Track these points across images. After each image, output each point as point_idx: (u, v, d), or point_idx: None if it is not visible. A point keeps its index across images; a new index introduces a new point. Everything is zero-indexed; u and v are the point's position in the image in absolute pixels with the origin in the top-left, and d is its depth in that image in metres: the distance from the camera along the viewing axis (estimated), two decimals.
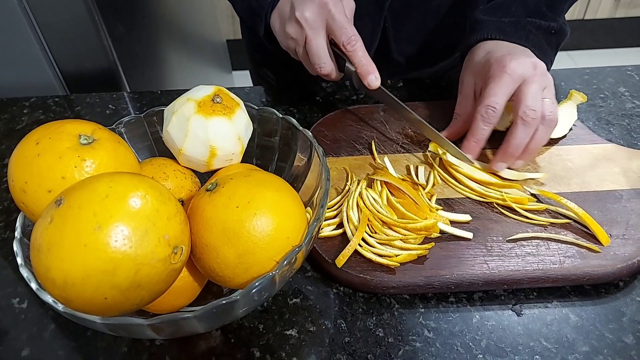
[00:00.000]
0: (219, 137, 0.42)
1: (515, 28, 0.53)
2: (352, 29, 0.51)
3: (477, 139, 0.50)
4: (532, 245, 0.44)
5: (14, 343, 0.41)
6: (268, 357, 0.39)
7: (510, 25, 0.54)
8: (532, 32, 0.53)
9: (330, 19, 0.51)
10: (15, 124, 0.65)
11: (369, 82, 0.52)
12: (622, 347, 0.38)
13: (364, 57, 0.52)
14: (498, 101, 0.48)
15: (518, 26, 0.53)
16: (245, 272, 0.34)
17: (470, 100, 0.54)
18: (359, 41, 0.51)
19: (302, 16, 0.50)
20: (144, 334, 0.32)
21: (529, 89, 0.48)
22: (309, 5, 0.51)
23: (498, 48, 0.52)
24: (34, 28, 0.69)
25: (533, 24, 0.54)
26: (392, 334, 0.40)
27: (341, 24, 0.51)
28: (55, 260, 0.28)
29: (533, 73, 0.48)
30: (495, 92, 0.48)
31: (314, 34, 0.51)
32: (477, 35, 0.55)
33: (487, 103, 0.49)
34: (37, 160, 0.35)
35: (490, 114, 0.49)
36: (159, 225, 0.30)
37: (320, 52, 0.52)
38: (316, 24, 0.51)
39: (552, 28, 0.55)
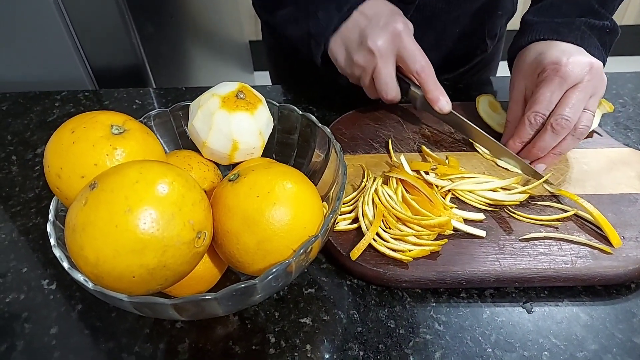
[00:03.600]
0: (241, 131, 0.44)
1: (569, 28, 0.52)
2: (423, 58, 0.52)
3: (522, 141, 0.51)
4: (544, 244, 0.44)
5: (44, 321, 0.43)
6: (282, 343, 0.40)
7: (563, 26, 0.52)
8: (587, 33, 0.52)
9: (402, 49, 0.51)
10: (47, 116, 0.68)
11: (440, 107, 0.53)
12: (632, 347, 0.39)
13: (434, 84, 0.53)
14: (548, 108, 0.48)
15: (572, 26, 0.52)
16: (264, 258, 0.36)
17: (521, 105, 0.53)
18: (431, 69, 0.52)
19: (375, 45, 0.51)
20: (167, 314, 0.34)
21: (572, 97, 0.47)
22: (382, 34, 0.51)
23: (551, 49, 0.51)
24: (67, 26, 0.72)
25: (587, 24, 0.52)
26: (404, 326, 0.41)
27: (413, 52, 0.51)
28: (89, 239, 0.30)
29: (588, 77, 0.47)
30: (546, 98, 0.48)
31: (385, 63, 0.51)
32: (529, 36, 0.53)
33: (536, 109, 0.49)
34: (72, 147, 0.37)
35: (537, 121, 0.49)
36: (185, 210, 0.32)
37: (388, 80, 0.53)
38: (388, 53, 0.51)
39: (606, 27, 0.53)
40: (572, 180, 0.51)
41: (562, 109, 0.47)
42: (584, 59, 0.48)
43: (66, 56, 0.75)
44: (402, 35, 0.51)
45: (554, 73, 0.48)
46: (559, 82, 0.47)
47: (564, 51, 0.49)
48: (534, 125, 0.49)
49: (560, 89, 0.48)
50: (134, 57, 0.77)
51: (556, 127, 0.48)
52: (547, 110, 0.48)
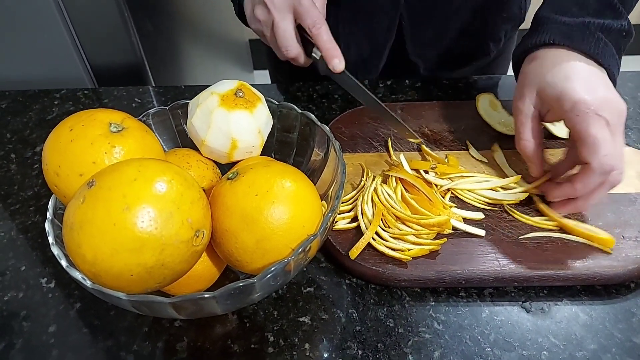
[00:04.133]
0: (240, 130, 0.44)
1: (582, 33, 0.46)
2: (317, 13, 0.50)
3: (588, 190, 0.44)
4: (543, 244, 0.44)
5: (42, 319, 0.43)
6: (281, 342, 0.40)
7: (577, 29, 0.47)
8: (602, 40, 0.46)
9: (297, 3, 0.51)
10: (46, 114, 0.68)
11: (333, 65, 0.51)
12: (631, 347, 0.39)
13: (328, 41, 0.51)
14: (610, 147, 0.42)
15: (586, 31, 0.46)
16: (262, 257, 0.36)
17: (536, 120, 0.48)
18: (324, 25, 0.51)
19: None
20: (165, 313, 0.34)
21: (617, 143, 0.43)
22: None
23: (572, 72, 0.45)
24: (67, 24, 0.72)
25: (603, 27, 0.47)
26: (402, 325, 0.41)
27: (307, 7, 0.50)
28: (87, 237, 0.30)
29: (618, 118, 0.43)
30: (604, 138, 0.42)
31: (281, 17, 0.51)
32: (537, 37, 0.48)
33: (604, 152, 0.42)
34: (70, 145, 0.37)
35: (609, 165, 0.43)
36: (183, 208, 0.32)
37: (287, 35, 0.52)
38: (283, 7, 0.51)
39: (623, 30, 0.48)
40: None
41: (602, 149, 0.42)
42: (614, 98, 0.43)
43: (65, 54, 0.75)
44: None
45: (594, 112, 0.42)
46: (600, 122, 0.42)
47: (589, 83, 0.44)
48: (605, 172, 0.43)
49: (606, 128, 0.43)
50: (133, 56, 0.77)
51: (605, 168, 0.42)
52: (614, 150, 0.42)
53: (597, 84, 0.44)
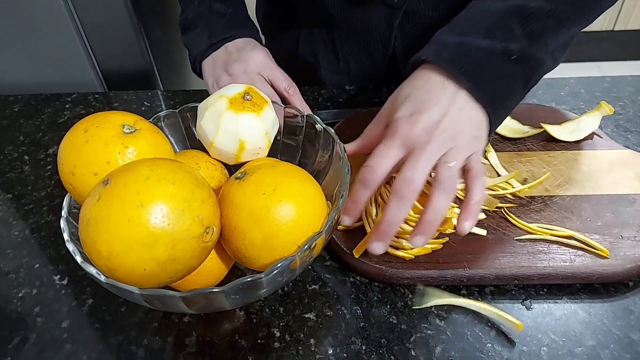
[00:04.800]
0: (248, 132, 0.45)
1: (453, 52, 0.45)
2: (288, 77, 0.59)
3: (355, 200, 0.44)
4: (543, 243, 0.45)
5: (56, 315, 0.45)
6: (287, 337, 0.42)
7: (451, 48, 0.45)
8: (478, 61, 0.44)
9: (270, 71, 0.59)
10: (58, 117, 0.70)
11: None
12: (629, 343, 0.40)
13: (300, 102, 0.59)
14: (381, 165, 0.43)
15: (458, 51, 0.45)
16: (270, 254, 0.37)
17: (380, 125, 0.48)
18: (296, 87, 0.59)
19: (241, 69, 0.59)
20: (176, 307, 0.35)
21: (413, 157, 0.42)
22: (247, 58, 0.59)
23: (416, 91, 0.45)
24: (78, 30, 0.74)
25: (481, 48, 0.44)
26: (405, 322, 0.42)
27: (279, 73, 0.59)
28: (102, 233, 0.32)
29: (427, 139, 0.42)
30: (380, 152, 0.43)
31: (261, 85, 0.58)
32: (419, 53, 0.47)
33: (367, 162, 0.43)
34: (85, 146, 0.38)
35: (366, 177, 0.43)
36: (194, 206, 0.33)
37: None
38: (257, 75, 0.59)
39: (510, 52, 0.44)
40: (572, 181, 0.52)
41: (402, 171, 0.42)
42: (429, 119, 0.42)
43: (77, 59, 0.77)
44: (266, 60, 0.60)
45: (392, 133, 0.43)
46: (395, 142, 0.43)
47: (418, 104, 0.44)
48: (363, 182, 0.43)
49: (397, 149, 0.43)
50: (142, 60, 0.79)
51: (398, 190, 0.41)
52: (380, 167, 0.43)
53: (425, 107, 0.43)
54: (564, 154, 0.55)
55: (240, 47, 0.62)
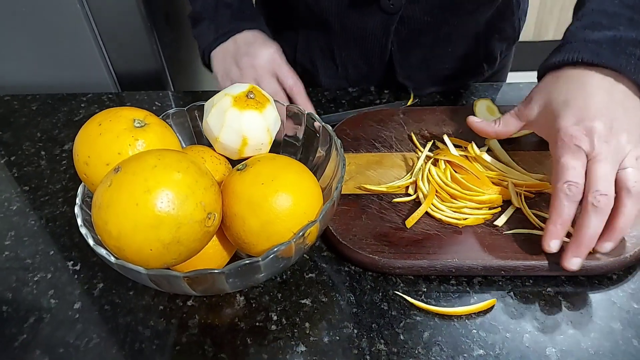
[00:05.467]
0: (250, 128, 0.48)
1: (612, 50, 0.44)
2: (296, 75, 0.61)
3: (564, 220, 0.43)
4: (530, 235, 0.47)
5: (69, 297, 0.48)
6: (284, 321, 0.44)
7: (606, 46, 0.45)
8: (635, 54, 0.44)
9: (277, 68, 0.61)
10: (73, 115, 0.73)
11: None
12: (609, 332, 0.42)
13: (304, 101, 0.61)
14: (578, 175, 0.43)
15: (616, 47, 0.45)
16: (267, 240, 0.40)
17: (521, 122, 0.51)
18: (302, 86, 0.61)
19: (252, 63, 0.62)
20: (179, 287, 0.38)
21: (598, 169, 0.42)
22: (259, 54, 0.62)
23: (578, 96, 0.45)
24: (94, 33, 0.78)
25: (636, 41, 0.45)
26: (396, 308, 0.44)
27: (287, 70, 0.60)
28: (112, 215, 0.35)
29: (607, 148, 0.42)
30: (573, 166, 0.43)
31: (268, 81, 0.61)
32: (564, 55, 0.46)
33: (568, 179, 0.42)
34: (99, 138, 0.41)
35: (574, 192, 0.42)
36: (197, 193, 0.36)
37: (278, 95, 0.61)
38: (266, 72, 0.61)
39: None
40: None
41: (594, 184, 0.42)
42: (603, 129, 0.42)
43: (92, 61, 0.80)
44: (275, 56, 0.62)
45: (570, 140, 0.43)
46: (575, 151, 0.43)
47: (586, 110, 0.44)
48: (571, 196, 0.42)
49: (581, 159, 0.43)
50: (154, 63, 0.82)
51: (597, 204, 0.41)
52: (580, 179, 0.42)
53: (596, 113, 0.43)
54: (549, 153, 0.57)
55: (250, 41, 0.64)
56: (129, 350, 0.43)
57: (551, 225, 0.43)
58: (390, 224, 0.50)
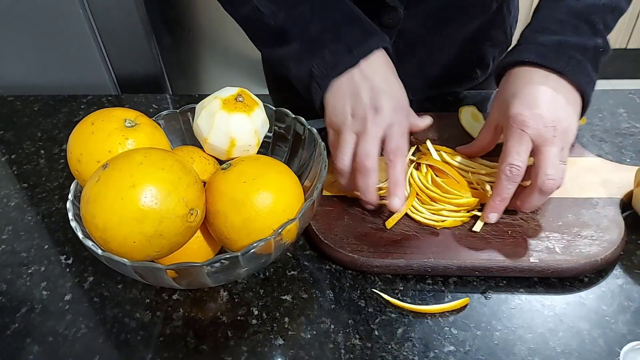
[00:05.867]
0: (238, 130, 0.50)
1: (556, 52, 0.49)
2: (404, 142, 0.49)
3: (503, 198, 0.48)
4: (504, 240, 0.49)
5: (60, 289, 0.50)
6: (264, 315, 0.46)
7: (551, 49, 0.49)
8: (575, 58, 0.49)
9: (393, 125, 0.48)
10: (73, 117, 0.76)
11: (391, 202, 0.48)
12: (577, 332, 0.43)
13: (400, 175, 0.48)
14: (521, 159, 0.46)
15: (559, 50, 0.49)
16: (248, 236, 0.41)
17: (490, 132, 0.53)
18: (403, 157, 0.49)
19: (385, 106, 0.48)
20: (163, 279, 0.40)
21: (550, 155, 0.46)
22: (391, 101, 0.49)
23: (525, 88, 0.48)
24: (95, 36, 0.81)
25: (578, 46, 0.49)
26: (372, 305, 0.46)
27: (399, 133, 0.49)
28: (99, 209, 0.37)
29: (552, 134, 0.46)
30: (517, 151, 0.46)
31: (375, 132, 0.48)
32: (515, 55, 0.51)
33: (511, 162, 0.46)
34: (91, 137, 0.44)
35: (514, 173, 0.46)
36: (180, 189, 0.38)
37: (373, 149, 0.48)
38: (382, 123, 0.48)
39: (599, 47, 0.51)
40: None
41: (545, 168, 0.46)
42: (547, 117, 0.46)
43: (93, 63, 0.83)
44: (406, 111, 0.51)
45: (517, 126, 0.47)
46: (524, 138, 0.46)
47: (532, 101, 0.47)
48: (511, 178, 0.47)
49: (528, 144, 0.46)
50: (153, 66, 0.85)
51: (545, 189, 0.46)
52: (522, 163, 0.46)
53: (542, 102, 0.47)
54: None
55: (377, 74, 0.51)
56: (115, 341, 0.45)
57: (491, 200, 0.49)
58: (371, 225, 0.51)
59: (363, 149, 0.48)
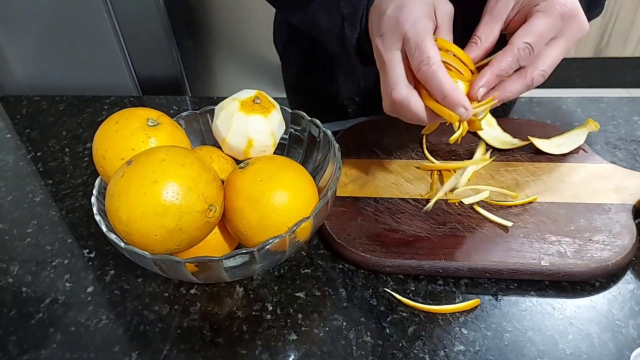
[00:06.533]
0: (255, 131, 0.51)
1: None
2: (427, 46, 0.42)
3: (500, 74, 0.43)
4: (516, 241, 0.49)
5: (83, 282, 0.52)
6: (278, 311, 0.47)
7: None
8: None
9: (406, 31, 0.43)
10: (97, 117, 0.78)
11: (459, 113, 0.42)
12: (586, 335, 0.43)
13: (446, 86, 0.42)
14: (541, 45, 0.42)
15: None
16: (264, 232, 0.43)
17: (499, 24, 0.45)
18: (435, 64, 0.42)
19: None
20: (182, 273, 0.42)
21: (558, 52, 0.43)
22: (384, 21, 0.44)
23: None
24: (119, 40, 0.83)
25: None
26: (384, 304, 0.47)
27: (417, 39, 0.42)
28: (123, 203, 0.38)
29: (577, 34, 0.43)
30: (545, 35, 0.42)
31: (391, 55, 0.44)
32: None
33: (529, 41, 0.42)
34: (115, 135, 0.45)
35: (525, 55, 0.42)
36: (200, 186, 0.40)
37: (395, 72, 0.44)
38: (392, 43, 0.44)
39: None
40: (552, 189, 0.55)
41: (545, 63, 0.43)
42: (582, 14, 0.43)
43: (116, 66, 0.86)
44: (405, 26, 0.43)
45: (559, 9, 0.42)
46: (557, 22, 0.42)
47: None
48: (519, 58, 0.42)
49: (555, 31, 0.43)
50: (173, 69, 0.87)
51: (534, 82, 0.43)
52: (538, 46, 0.42)
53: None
54: (549, 165, 0.59)
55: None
56: (134, 332, 0.47)
57: (489, 71, 0.43)
58: (383, 226, 0.52)
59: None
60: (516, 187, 0.56)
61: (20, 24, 0.83)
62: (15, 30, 0.83)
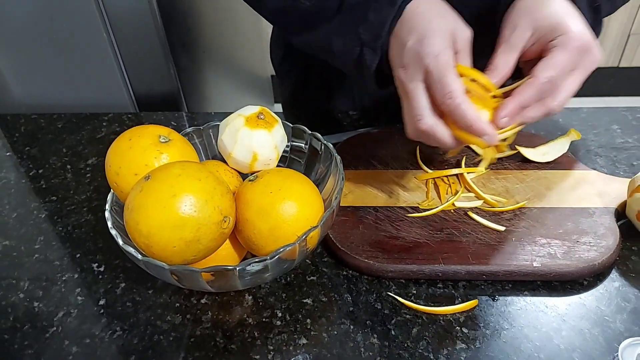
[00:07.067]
0: (260, 145, 0.54)
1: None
2: (450, 80, 0.43)
3: (522, 105, 0.44)
4: (509, 245, 0.52)
5: (94, 295, 0.53)
6: (287, 317, 0.49)
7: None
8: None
9: (428, 64, 0.44)
10: (96, 133, 0.80)
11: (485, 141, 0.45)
12: (579, 330, 0.47)
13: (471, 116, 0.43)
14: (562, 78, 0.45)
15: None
16: (274, 242, 0.45)
17: (517, 52, 0.46)
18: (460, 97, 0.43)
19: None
20: (197, 281, 0.43)
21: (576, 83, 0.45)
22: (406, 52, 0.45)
23: (568, 9, 0.46)
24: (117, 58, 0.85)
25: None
26: (388, 307, 0.50)
27: (439, 72, 0.43)
28: (143, 217, 0.40)
29: (592, 66, 0.46)
30: (566, 69, 0.44)
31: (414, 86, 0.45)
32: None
33: (554, 75, 0.44)
34: (129, 151, 0.47)
35: (546, 88, 0.44)
36: (215, 198, 0.42)
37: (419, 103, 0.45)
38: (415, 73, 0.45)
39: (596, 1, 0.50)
40: (540, 195, 0.59)
41: (563, 95, 0.45)
42: (596, 46, 0.45)
43: (114, 84, 0.87)
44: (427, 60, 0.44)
45: (576, 44, 0.44)
46: (575, 57, 0.44)
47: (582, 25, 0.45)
48: (542, 90, 0.44)
49: (574, 64, 0.45)
50: (170, 86, 0.89)
51: (552, 112, 0.46)
52: (560, 80, 0.45)
53: (586, 27, 0.45)
54: (536, 173, 0.62)
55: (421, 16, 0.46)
56: (149, 342, 0.48)
57: (510, 103, 0.44)
58: (384, 233, 0.55)
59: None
60: (506, 193, 0.60)
61: (17, 42, 0.84)
62: (12, 48, 0.84)
